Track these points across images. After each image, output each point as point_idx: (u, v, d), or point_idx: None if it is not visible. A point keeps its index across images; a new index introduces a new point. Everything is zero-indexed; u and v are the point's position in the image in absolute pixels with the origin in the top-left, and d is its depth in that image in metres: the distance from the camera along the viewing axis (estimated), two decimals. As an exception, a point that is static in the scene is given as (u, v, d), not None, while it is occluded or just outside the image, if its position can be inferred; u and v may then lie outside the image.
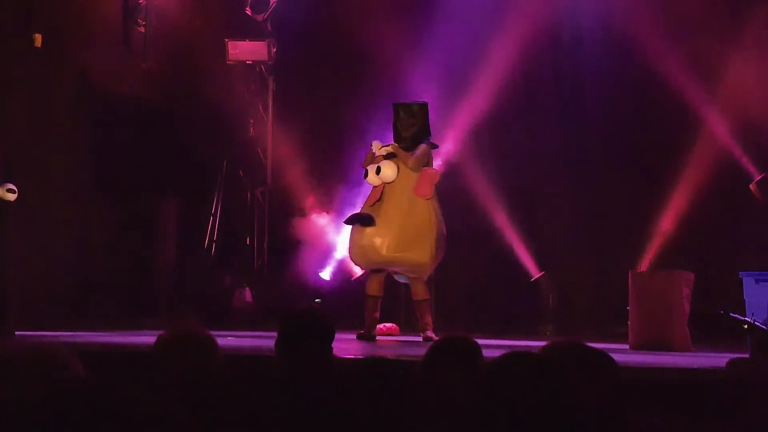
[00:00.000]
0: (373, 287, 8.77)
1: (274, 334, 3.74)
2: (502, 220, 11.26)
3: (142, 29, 11.34)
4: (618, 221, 10.91)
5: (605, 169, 11.04)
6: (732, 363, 6.10)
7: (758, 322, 6.38)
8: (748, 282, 8.31)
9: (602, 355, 3.03)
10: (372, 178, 8.69)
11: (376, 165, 8.68)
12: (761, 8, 10.31)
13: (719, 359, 6.34)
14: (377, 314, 8.80)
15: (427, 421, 3.17)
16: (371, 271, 8.82)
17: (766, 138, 10.31)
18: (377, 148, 8.78)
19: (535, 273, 11.23)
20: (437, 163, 10.29)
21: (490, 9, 11.03)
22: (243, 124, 11.90)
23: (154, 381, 3.25)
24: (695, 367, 6.30)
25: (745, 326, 6.32)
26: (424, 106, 8.86)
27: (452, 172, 11.19)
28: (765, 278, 8.20)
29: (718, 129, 10.60)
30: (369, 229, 8.60)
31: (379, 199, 8.68)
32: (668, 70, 10.53)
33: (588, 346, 3.04)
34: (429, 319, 8.71)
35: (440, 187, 8.95)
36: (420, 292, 8.78)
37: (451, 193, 11.27)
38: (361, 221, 8.68)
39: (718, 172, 10.49)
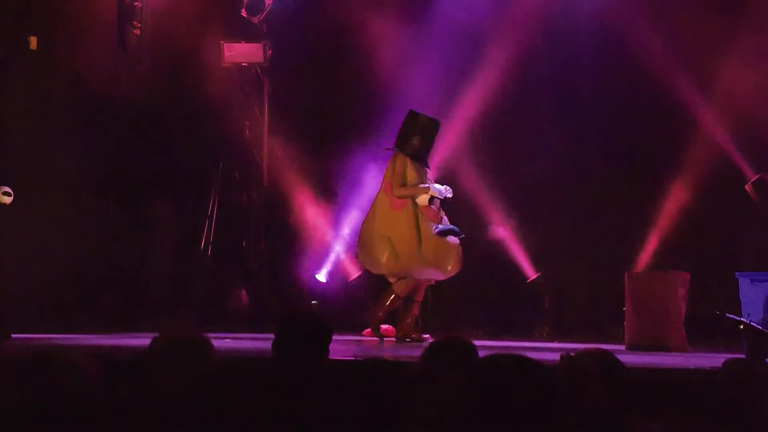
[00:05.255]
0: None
1: (271, 335, 3.74)
2: (497, 220, 11.27)
3: (138, 31, 11.34)
4: (614, 222, 10.92)
5: (601, 169, 11.05)
6: (728, 363, 6.10)
7: (754, 322, 6.39)
8: (743, 282, 8.32)
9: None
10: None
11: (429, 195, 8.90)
12: (756, 7, 10.32)
13: (715, 360, 6.34)
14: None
15: (425, 422, 3.17)
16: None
17: (762, 138, 10.32)
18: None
19: (532, 274, 11.24)
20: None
21: (486, 10, 11.03)
22: (238, 126, 11.89)
23: (149, 383, 3.25)
24: (691, 367, 6.31)
25: (741, 327, 6.33)
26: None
27: (449, 174, 11.19)
28: (761, 278, 8.21)
29: (714, 129, 10.61)
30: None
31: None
32: (665, 71, 10.54)
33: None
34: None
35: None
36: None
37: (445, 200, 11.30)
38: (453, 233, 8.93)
39: (714, 172, 10.51)
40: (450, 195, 9.00)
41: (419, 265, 8.84)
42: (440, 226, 8.93)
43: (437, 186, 8.96)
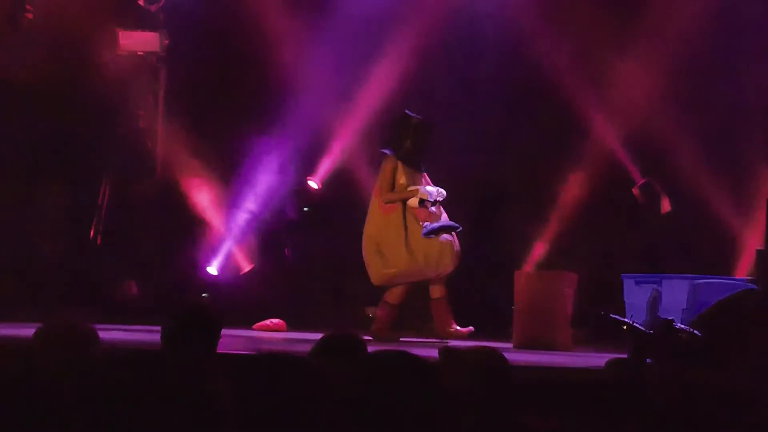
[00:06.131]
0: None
1: (160, 327, 3.72)
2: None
3: (30, 15, 11.11)
4: (507, 221, 11.06)
5: (496, 169, 11.18)
6: (611, 363, 6.24)
7: (637, 323, 6.55)
8: (628, 284, 8.54)
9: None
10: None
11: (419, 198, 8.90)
12: (650, 14, 10.55)
13: (599, 359, 6.48)
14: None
15: (314, 415, 3.19)
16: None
17: (649, 143, 10.58)
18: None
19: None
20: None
21: (390, 5, 11.04)
22: (133, 115, 11.74)
23: (32, 374, 3.20)
24: (576, 366, 6.44)
25: (625, 327, 6.48)
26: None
27: (345, 172, 11.25)
28: (645, 280, 8.43)
29: (606, 133, 10.83)
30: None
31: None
32: (559, 76, 10.71)
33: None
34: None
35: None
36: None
37: (341, 195, 11.31)
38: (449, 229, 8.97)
39: (605, 175, 10.74)
40: (441, 198, 8.97)
41: (407, 269, 8.87)
42: (429, 226, 8.90)
43: (428, 188, 8.93)
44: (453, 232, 9.00)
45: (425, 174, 9.18)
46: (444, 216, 9.09)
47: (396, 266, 8.83)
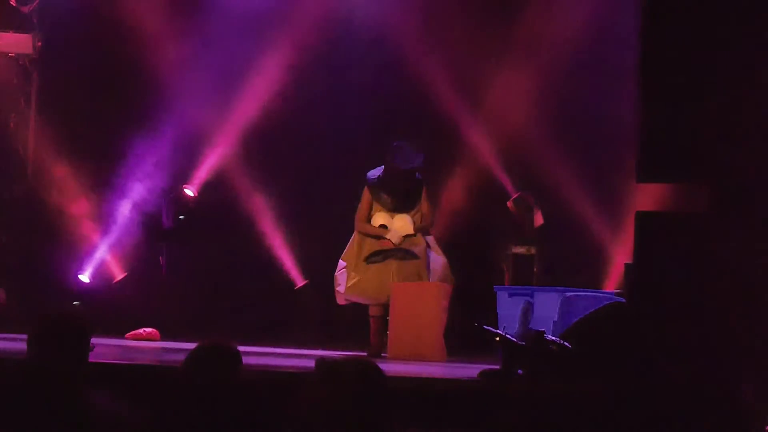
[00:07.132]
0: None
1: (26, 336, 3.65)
2: (268, 227, 11.29)
3: None
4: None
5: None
6: (483, 373, 6.34)
7: (509, 334, 6.66)
8: (501, 296, 8.69)
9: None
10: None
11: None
12: (522, 31, 10.75)
13: (472, 370, 6.57)
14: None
15: (188, 424, 3.17)
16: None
17: (522, 157, 10.77)
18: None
19: (300, 281, 11.30)
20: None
21: (267, 7, 11.02)
22: (3, 118, 11.50)
23: None
24: (449, 377, 6.51)
25: (497, 338, 6.58)
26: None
27: (222, 180, 11.17)
28: (517, 292, 8.58)
29: (481, 147, 10.99)
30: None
31: None
32: (435, 88, 10.83)
33: None
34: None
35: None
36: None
37: (218, 203, 11.24)
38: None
39: (479, 188, 10.89)
40: (395, 242, 9.04)
41: (353, 291, 9.05)
42: (379, 251, 8.99)
43: (394, 233, 9.01)
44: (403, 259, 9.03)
45: (413, 213, 9.22)
46: (430, 238, 9.28)
47: (344, 285, 9.07)
